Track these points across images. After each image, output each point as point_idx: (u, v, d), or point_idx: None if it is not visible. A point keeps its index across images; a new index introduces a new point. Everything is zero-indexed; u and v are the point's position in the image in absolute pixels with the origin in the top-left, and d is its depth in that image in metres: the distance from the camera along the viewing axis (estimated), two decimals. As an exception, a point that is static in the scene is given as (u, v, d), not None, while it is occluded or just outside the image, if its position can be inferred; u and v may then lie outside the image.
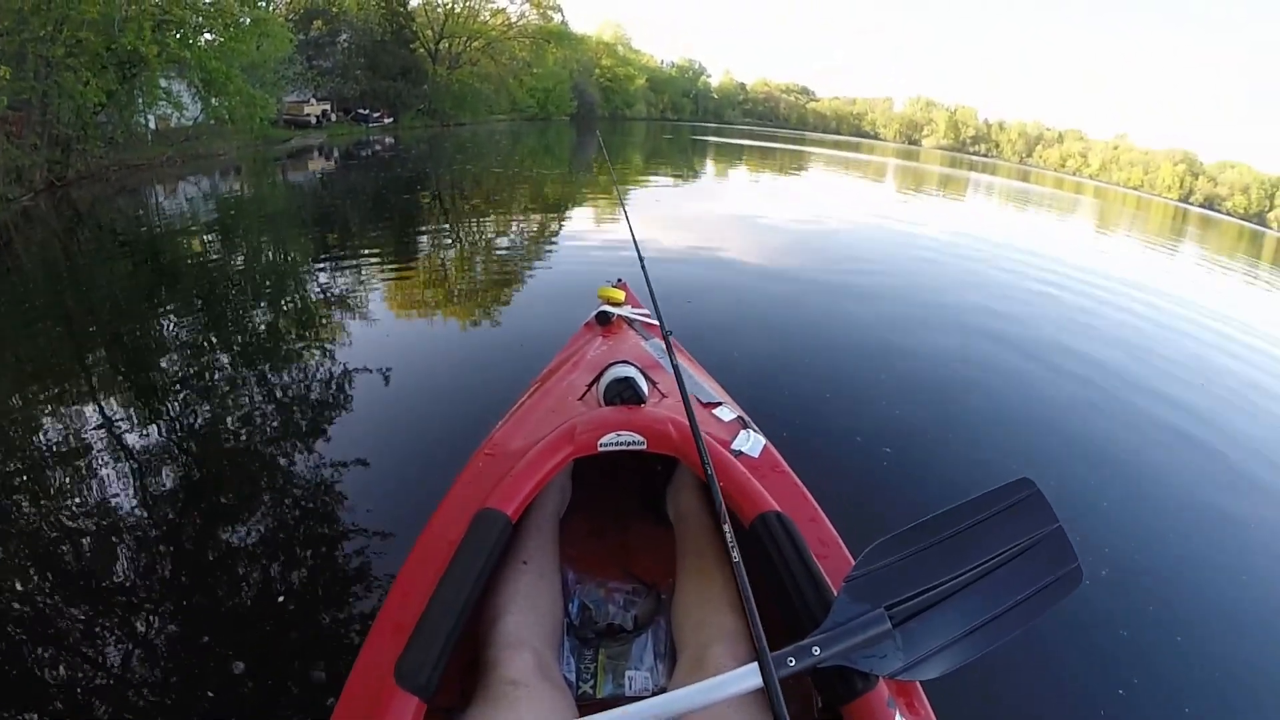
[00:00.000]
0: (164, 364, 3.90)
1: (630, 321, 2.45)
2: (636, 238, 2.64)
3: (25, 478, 2.67)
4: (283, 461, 2.72)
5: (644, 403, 1.55)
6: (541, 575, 1.34)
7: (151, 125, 21.28)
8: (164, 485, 2.51)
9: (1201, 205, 72.87)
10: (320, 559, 2.13)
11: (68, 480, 2.61)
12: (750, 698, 0.87)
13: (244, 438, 2.92)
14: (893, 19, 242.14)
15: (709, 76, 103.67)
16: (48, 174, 14.53)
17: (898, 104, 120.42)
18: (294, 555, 2.14)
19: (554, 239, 7.40)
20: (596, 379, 1.73)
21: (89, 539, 2.24)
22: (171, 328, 4.62)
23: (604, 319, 2.43)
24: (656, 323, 2.11)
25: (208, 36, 21.01)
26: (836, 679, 0.82)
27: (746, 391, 2.48)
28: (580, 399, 1.72)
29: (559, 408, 1.67)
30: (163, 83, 19.44)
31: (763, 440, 1.51)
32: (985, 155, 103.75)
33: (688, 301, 4.61)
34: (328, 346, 3.98)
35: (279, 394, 3.38)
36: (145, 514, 2.36)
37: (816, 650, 0.79)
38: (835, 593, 0.92)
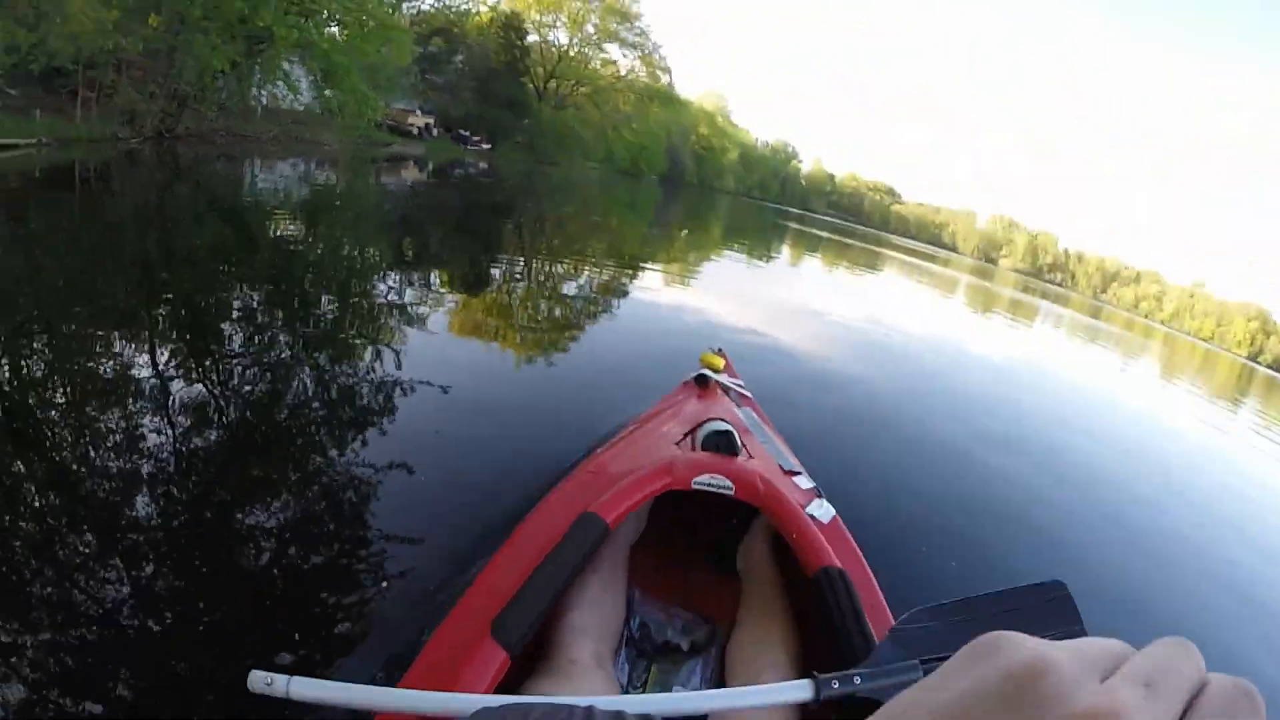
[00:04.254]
0: (223, 327, 3.94)
1: (726, 389, 2.62)
2: (726, 312, 2.61)
3: (64, 408, 2.67)
4: (324, 447, 2.71)
5: (737, 455, 1.68)
6: (610, 586, 1.45)
7: (264, 101, 21.91)
8: (201, 450, 2.46)
9: (1270, 366, 69.84)
10: (340, 551, 2.09)
11: (108, 421, 2.57)
12: (787, 714, 1.04)
13: (289, 418, 2.91)
14: (990, 133, 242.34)
15: (800, 162, 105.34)
16: (159, 124, 14.90)
17: (980, 219, 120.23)
18: (316, 543, 2.11)
19: (631, 296, 7.45)
20: (695, 429, 1.92)
21: (121, 487, 2.17)
22: (239, 295, 4.68)
23: (702, 381, 2.58)
24: (749, 394, 2.62)
25: (335, 30, 21.73)
26: (867, 711, 0.68)
27: (820, 466, 2.58)
28: (677, 444, 1.86)
29: (658, 446, 1.84)
30: (285, 65, 20.05)
31: (832, 510, 1.62)
32: (1059, 285, 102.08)
33: (773, 378, 4.91)
34: (388, 350, 3.96)
35: (331, 383, 3.38)
36: (176, 472, 2.30)
37: (858, 680, 0.87)
38: (878, 641, 1.01)
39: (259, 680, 0.83)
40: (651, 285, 8.30)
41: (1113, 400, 10.24)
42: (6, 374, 2.91)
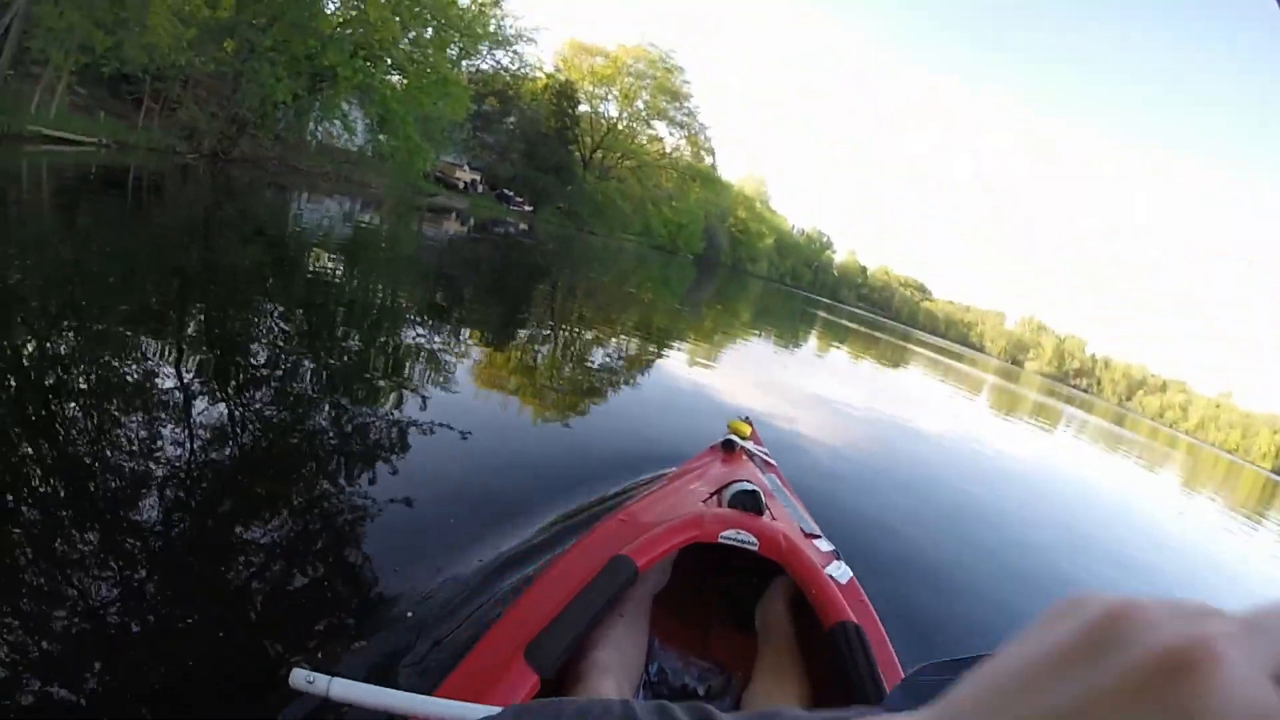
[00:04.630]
0: (252, 348, 4.02)
1: (751, 454, 2.68)
2: (752, 389, 3.02)
3: (91, 406, 2.70)
4: (334, 478, 2.74)
5: (762, 515, 1.72)
6: (634, 630, 1.50)
7: (319, 137, 22.58)
8: (215, 467, 2.48)
9: None
10: (379, 568, 2.15)
11: (135, 424, 2.61)
12: None
13: (304, 448, 2.94)
14: (1020, 231, 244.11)
15: (834, 252, 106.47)
16: (216, 144, 15.36)
17: (1010, 320, 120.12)
18: (355, 560, 2.18)
19: (659, 365, 7.54)
20: (722, 489, 1.97)
21: (156, 489, 2.22)
22: (270, 320, 4.76)
23: (729, 446, 2.67)
24: (773, 461, 2.74)
25: (396, 78, 22.50)
26: None
27: (839, 532, 2.83)
28: (704, 501, 1.93)
29: (686, 501, 1.93)
30: (344, 105, 20.71)
31: (850, 572, 1.68)
32: (1085, 390, 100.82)
33: (796, 449, 5.16)
34: (411, 393, 3.98)
35: (348, 418, 3.39)
36: (188, 487, 2.31)
37: None
38: (888, 691, 1.06)
39: (300, 678, 0.85)
40: (680, 358, 8.40)
41: (1123, 497, 10.45)
42: (36, 365, 2.97)
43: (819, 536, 1.93)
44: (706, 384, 7.00)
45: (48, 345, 3.20)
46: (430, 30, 22.04)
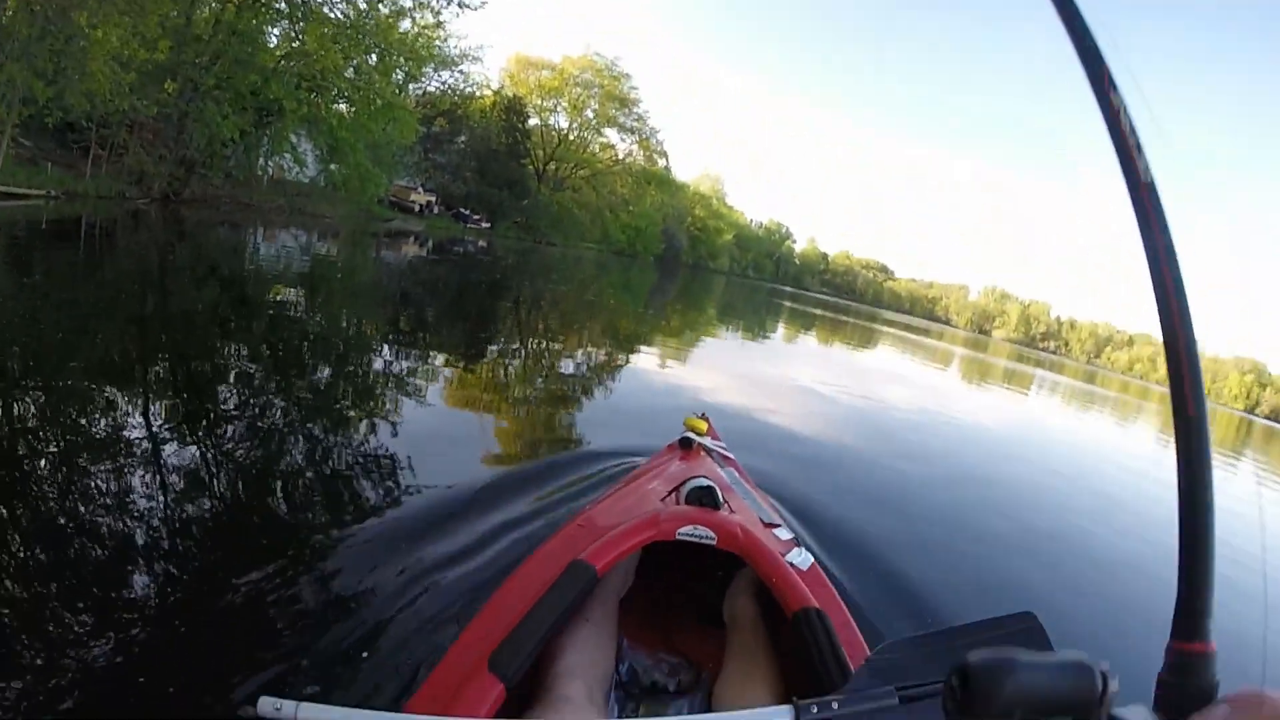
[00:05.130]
0: (217, 390, 4.03)
1: (709, 450, 2.70)
2: (714, 384, 2.99)
3: (56, 453, 2.75)
4: (325, 493, 2.87)
5: (720, 509, 1.75)
6: (601, 633, 1.50)
7: (270, 172, 22.44)
8: (179, 503, 2.52)
9: (1268, 417, 69.09)
10: (343, 588, 2.20)
11: (99, 469, 2.64)
12: None
13: (267, 479, 2.96)
14: (977, 209, 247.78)
15: (794, 241, 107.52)
16: (166, 186, 15.25)
17: (973, 292, 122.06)
18: (319, 581, 2.22)
19: (622, 370, 7.65)
20: (679, 487, 1.98)
21: (121, 535, 2.25)
22: (233, 359, 4.78)
23: (686, 444, 2.67)
24: (731, 455, 2.75)
25: (343, 107, 22.47)
26: None
27: (799, 520, 3.10)
28: (662, 500, 1.93)
29: (644, 501, 1.93)
30: (292, 137, 20.63)
31: (810, 558, 1.70)
32: (1054, 353, 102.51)
33: (756, 441, 5.17)
34: (370, 417, 4.06)
35: (310, 445, 3.45)
36: (153, 525, 2.35)
37: (835, 705, 0.90)
38: (854, 671, 1.09)
39: (268, 705, 0.85)
40: (642, 360, 8.49)
41: (1095, 451, 10.54)
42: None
43: (778, 525, 1.93)
44: (668, 384, 7.10)
45: (9, 402, 3.18)
46: (374, 57, 22.08)
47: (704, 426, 2.88)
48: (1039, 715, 0.53)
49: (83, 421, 3.10)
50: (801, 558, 1.67)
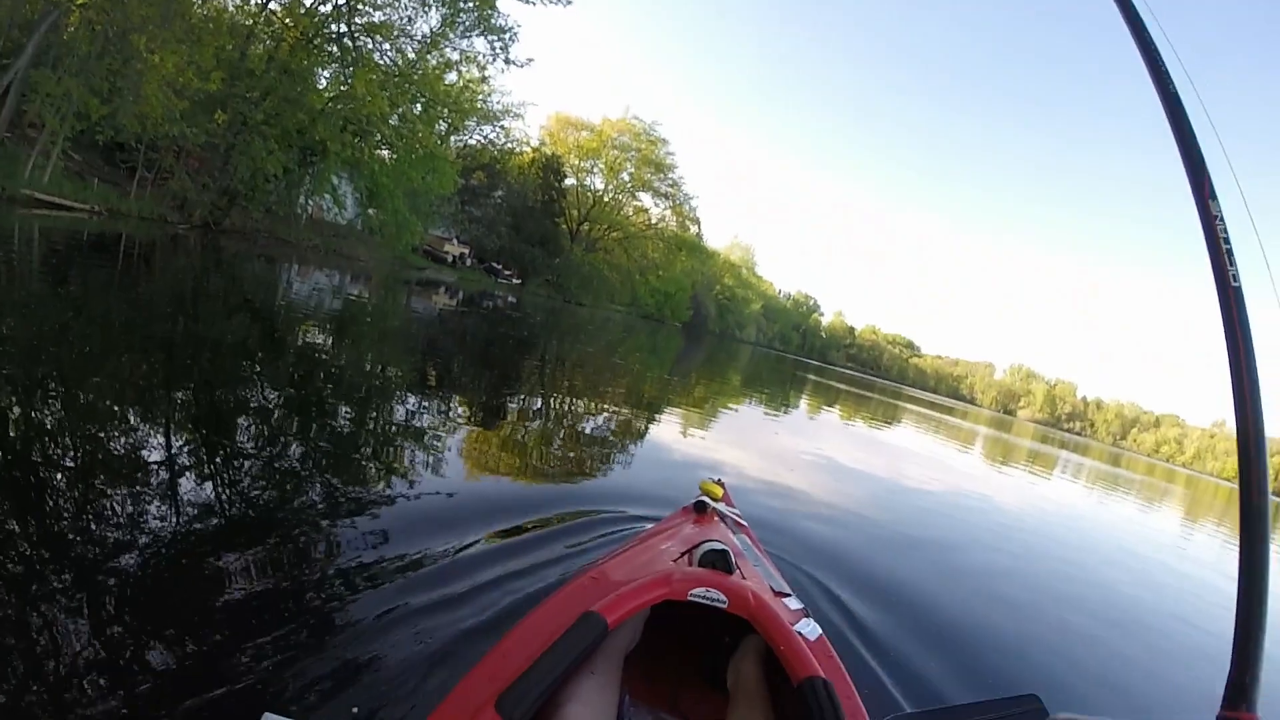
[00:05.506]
0: (236, 420, 4.04)
1: (723, 516, 2.70)
2: (733, 453, 2.99)
3: (72, 467, 2.78)
4: (312, 536, 2.80)
5: (732, 574, 1.74)
6: (605, 685, 1.50)
7: (309, 210, 22.85)
8: (194, 524, 2.54)
9: None
10: (355, 620, 2.20)
11: (112, 485, 2.68)
12: None
13: (282, 504, 3.00)
14: (1005, 285, 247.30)
15: (821, 314, 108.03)
16: (207, 215, 15.50)
17: (999, 370, 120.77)
18: (332, 611, 2.23)
19: (643, 433, 7.59)
20: (692, 549, 1.98)
21: (133, 550, 2.25)
22: (255, 392, 4.78)
23: (701, 508, 2.68)
24: (744, 522, 2.76)
25: (385, 153, 22.99)
26: None
27: (809, 592, 3.12)
28: (675, 560, 1.94)
29: (657, 560, 1.94)
30: (334, 179, 21.07)
31: (819, 629, 1.70)
32: (1079, 434, 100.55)
33: (770, 510, 5.20)
34: (397, 462, 4.11)
35: (329, 480, 3.46)
36: (166, 545, 2.36)
37: None
38: None
39: None
40: (664, 426, 8.45)
41: (1114, 534, 10.34)
42: (18, 428, 3.03)
43: (789, 595, 1.94)
44: (687, 449, 7.04)
45: (33, 410, 3.24)
46: (419, 106, 22.69)
47: (719, 492, 2.89)
48: None
49: (97, 435, 3.13)
50: (810, 628, 1.68)
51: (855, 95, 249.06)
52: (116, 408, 3.55)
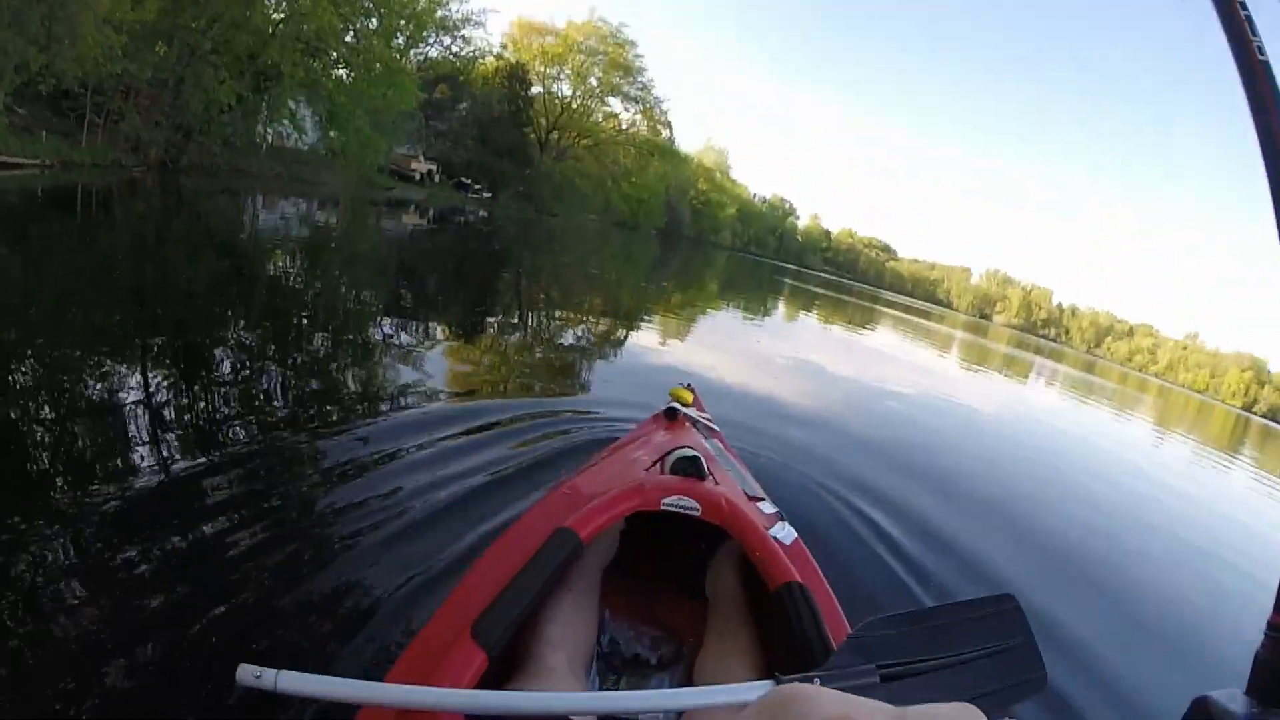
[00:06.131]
0: (214, 363, 4.04)
1: (694, 421, 2.68)
2: (708, 359, 2.91)
3: (50, 423, 2.81)
4: (310, 464, 2.87)
5: (704, 479, 1.71)
6: (583, 604, 1.50)
7: (269, 139, 22.17)
8: (167, 474, 2.54)
9: (1265, 416, 68.41)
10: (328, 557, 2.22)
11: (92, 439, 2.72)
12: None
13: (275, 440, 3.04)
14: (988, 183, 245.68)
15: (797, 218, 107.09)
16: (163, 154, 15.04)
17: (975, 275, 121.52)
18: (304, 549, 2.24)
19: (621, 342, 7.75)
20: (664, 457, 1.95)
21: (107, 500, 2.27)
22: (231, 331, 4.80)
23: (671, 414, 2.66)
24: (716, 427, 2.71)
25: (342, 72, 22.16)
26: None
27: (783, 494, 2.97)
28: (646, 470, 1.91)
29: (628, 471, 1.91)
30: (291, 103, 20.37)
31: (794, 533, 1.68)
32: (1054, 340, 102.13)
33: (743, 414, 5.16)
34: (367, 385, 4.17)
35: (305, 412, 3.50)
36: (162, 486, 2.42)
37: (817, 681, 0.87)
38: (836, 648, 1.06)
39: (247, 674, 0.85)
40: (638, 334, 8.53)
41: (1087, 441, 10.56)
42: None
43: (763, 499, 1.90)
44: (662, 358, 7.08)
45: (6, 372, 3.22)
46: (374, 21, 21.74)
47: (689, 397, 2.85)
48: None
49: (73, 393, 3.12)
50: (785, 532, 1.66)
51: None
52: (85, 363, 3.52)
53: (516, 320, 7.78)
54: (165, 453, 2.66)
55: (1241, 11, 0.63)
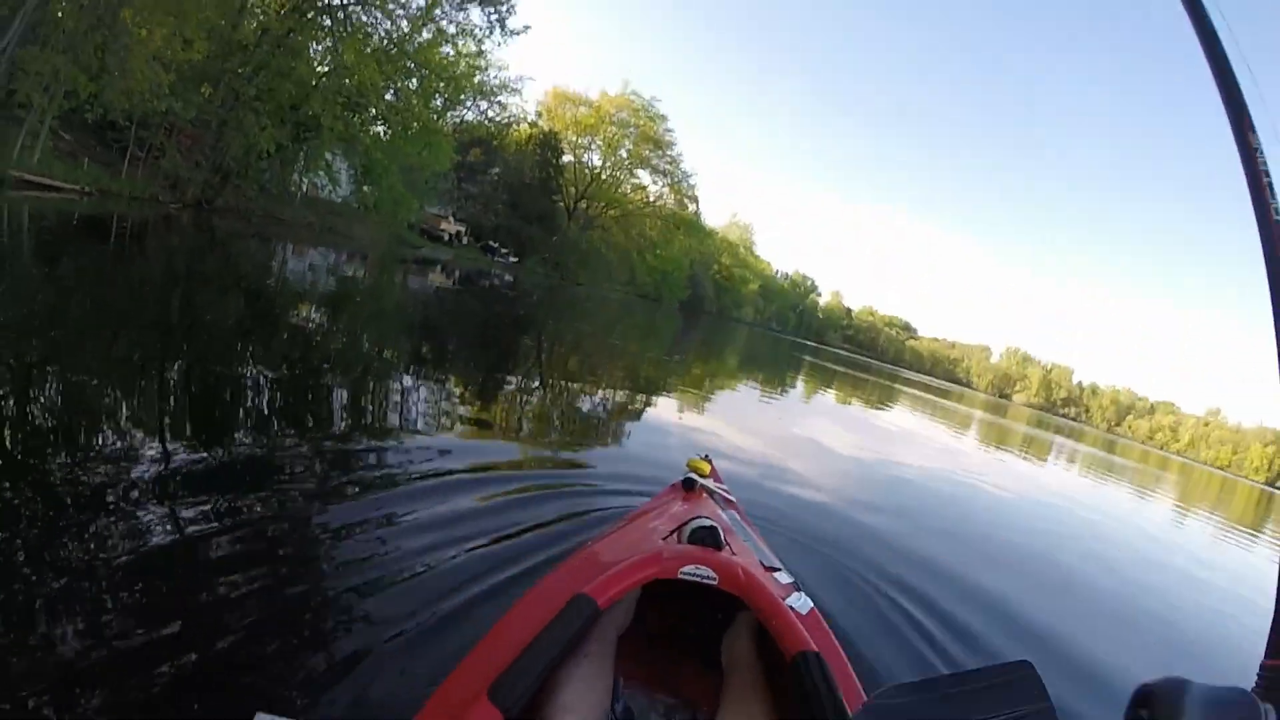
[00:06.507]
0: (227, 402, 4.01)
1: (711, 493, 2.70)
2: (726, 433, 2.89)
3: (65, 452, 2.76)
4: (303, 523, 2.76)
5: (721, 549, 1.73)
6: (598, 670, 1.49)
7: (303, 188, 22.61)
8: (187, 515, 2.48)
9: None
10: (347, 612, 2.17)
11: (105, 470, 2.63)
12: None
13: (275, 494, 2.94)
14: (1003, 269, 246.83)
15: (819, 295, 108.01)
16: (200, 193, 15.29)
17: (995, 354, 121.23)
18: (324, 603, 2.20)
19: (640, 412, 7.67)
20: (681, 527, 1.96)
21: (118, 538, 2.21)
22: (252, 374, 4.78)
23: (689, 485, 2.67)
24: (733, 498, 2.73)
25: (380, 129, 22.72)
26: None
27: (799, 566, 3.02)
28: (664, 539, 1.94)
29: (646, 539, 1.96)
30: (328, 155, 20.82)
31: (810, 603, 1.68)
32: (1074, 419, 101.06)
33: (759, 487, 5.19)
34: (389, 442, 4.06)
35: (323, 464, 3.43)
36: (179, 524, 2.38)
37: None
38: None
39: None
40: (658, 405, 8.49)
41: (1104, 520, 10.41)
42: (10, 412, 3.00)
43: (779, 569, 1.92)
44: (680, 430, 7.04)
45: (24, 394, 3.20)
46: (414, 81, 22.37)
47: (707, 468, 2.87)
48: None
49: (87, 419, 3.09)
50: (801, 602, 1.67)
51: (840, 91, 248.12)
52: (102, 390, 3.52)
53: (537, 386, 7.74)
54: (177, 488, 2.63)
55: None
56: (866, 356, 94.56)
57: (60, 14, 9.96)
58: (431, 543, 2.68)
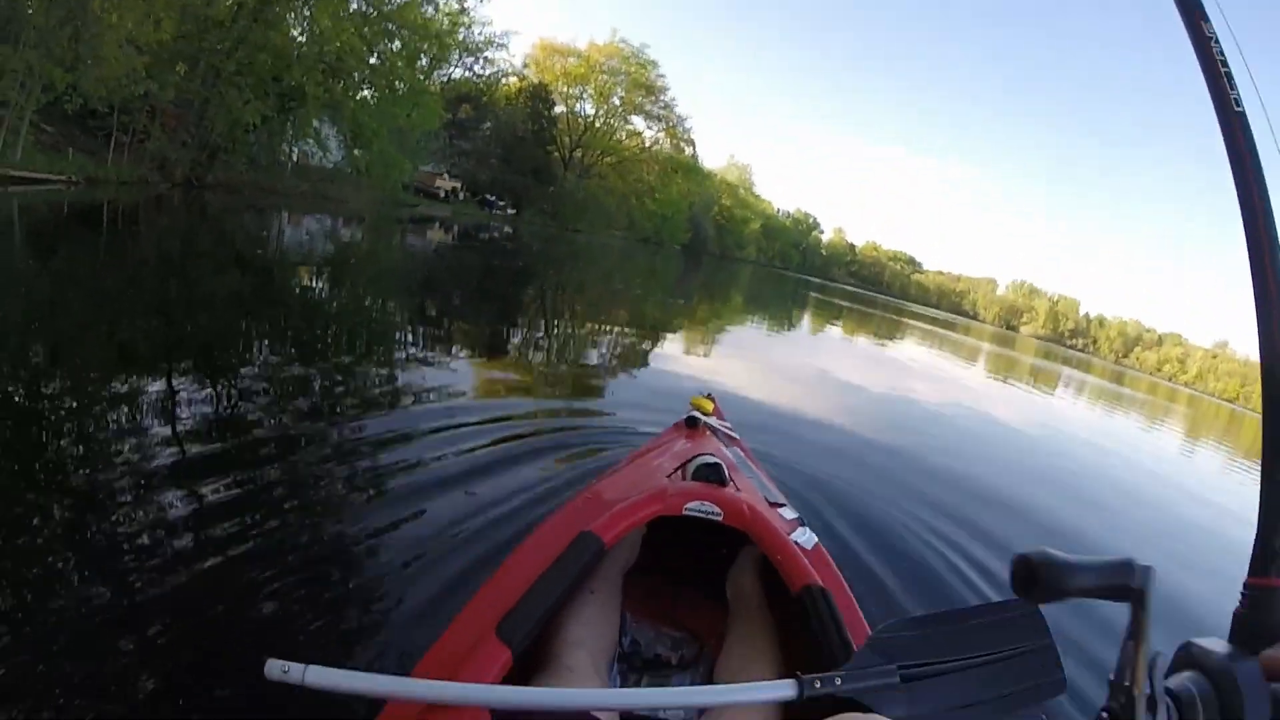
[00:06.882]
0: (239, 371, 4.09)
1: (715, 430, 2.70)
2: (731, 371, 2.88)
3: (74, 427, 2.86)
4: (310, 475, 2.84)
5: (725, 485, 1.73)
6: (605, 606, 1.53)
7: (294, 158, 22.54)
8: (195, 474, 2.56)
9: None
10: (359, 556, 2.27)
11: (116, 443, 2.74)
12: (771, 714, 1.16)
13: (284, 448, 3.03)
14: (1013, 198, 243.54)
15: (821, 232, 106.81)
16: (189, 172, 15.32)
17: (1001, 286, 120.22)
18: (335, 548, 2.30)
19: (644, 354, 7.78)
20: (685, 464, 1.97)
21: (138, 500, 2.31)
22: (254, 348, 4.82)
23: (692, 423, 2.68)
24: (736, 435, 2.71)
25: (366, 92, 22.49)
26: (847, 709, 0.88)
27: (804, 501, 3.10)
28: (668, 476, 1.94)
29: (650, 477, 1.95)
30: (315, 123, 20.68)
31: (815, 538, 1.69)
32: (1081, 350, 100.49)
33: (763, 423, 5.21)
34: (395, 393, 4.23)
35: (334, 417, 3.55)
36: (195, 484, 2.45)
37: (839, 681, 0.93)
38: (856, 650, 1.09)
39: (275, 668, 0.85)
40: (663, 346, 8.59)
41: (1111, 442, 10.59)
42: (18, 400, 3.06)
43: (783, 505, 1.93)
44: (685, 369, 7.09)
45: (28, 380, 3.27)
46: (397, 43, 22.05)
47: (710, 406, 2.90)
48: (1087, 594, 0.62)
49: (97, 404, 3.16)
50: (806, 537, 1.68)
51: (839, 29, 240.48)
52: (109, 375, 3.57)
53: (541, 333, 7.83)
54: (193, 456, 2.69)
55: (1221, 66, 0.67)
56: (872, 291, 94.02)
57: (30, 10, 9.90)
58: (436, 490, 2.76)
